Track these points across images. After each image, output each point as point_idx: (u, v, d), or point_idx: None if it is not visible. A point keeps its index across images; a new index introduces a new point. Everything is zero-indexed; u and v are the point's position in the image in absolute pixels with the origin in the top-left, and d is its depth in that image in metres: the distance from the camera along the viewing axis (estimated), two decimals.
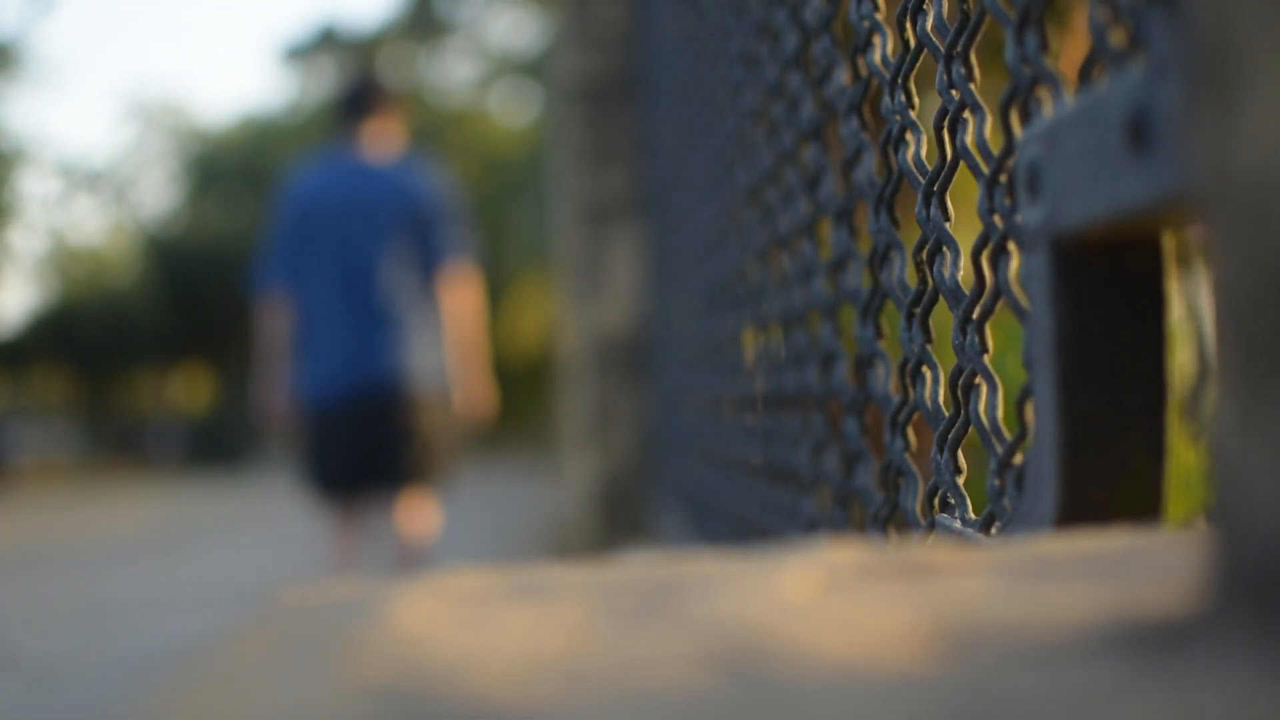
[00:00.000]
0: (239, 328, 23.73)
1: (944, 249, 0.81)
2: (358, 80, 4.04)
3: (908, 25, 0.86)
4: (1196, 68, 0.32)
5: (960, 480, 0.80)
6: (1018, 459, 0.68)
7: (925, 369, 0.87)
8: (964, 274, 0.78)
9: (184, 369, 26.54)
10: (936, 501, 0.82)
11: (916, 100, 0.89)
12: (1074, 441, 0.58)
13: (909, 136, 0.88)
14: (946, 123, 0.78)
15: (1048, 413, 0.59)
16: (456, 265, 3.81)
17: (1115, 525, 0.56)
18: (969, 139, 0.76)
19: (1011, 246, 0.69)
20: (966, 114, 0.77)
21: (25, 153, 22.61)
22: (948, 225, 0.82)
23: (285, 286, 3.68)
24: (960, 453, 0.80)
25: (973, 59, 0.76)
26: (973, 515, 0.78)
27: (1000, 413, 0.74)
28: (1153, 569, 0.38)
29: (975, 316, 0.75)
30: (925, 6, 0.83)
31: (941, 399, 0.84)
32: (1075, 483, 0.58)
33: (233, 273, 23.26)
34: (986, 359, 0.75)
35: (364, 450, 3.67)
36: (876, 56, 0.95)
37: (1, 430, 20.61)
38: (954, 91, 0.77)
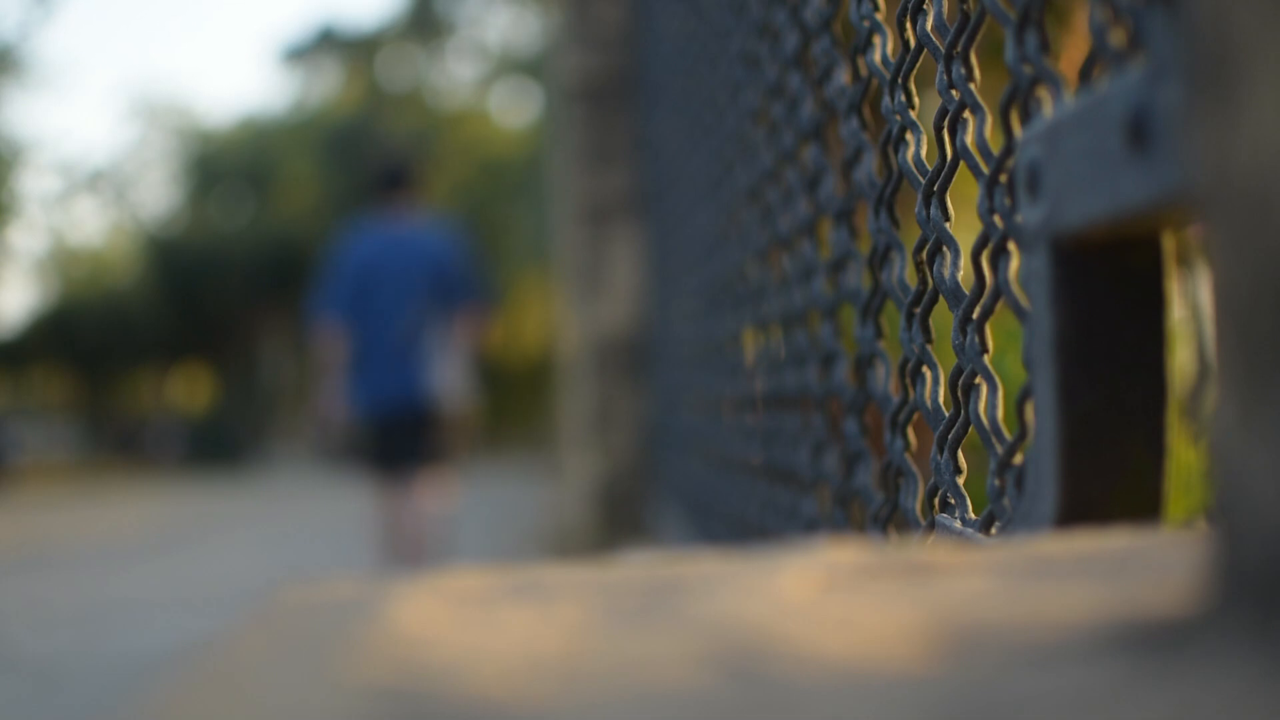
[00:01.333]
0: (239, 328, 23.74)
1: (944, 249, 0.81)
2: (393, 159, 5.42)
3: (908, 25, 0.86)
4: (1196, 68, 0.32)
5: (960, 480, 0.80)
6: (1018, 459, 0.68)
7: (925, 369, 0.86)
8: (964, 274, 0.78)
9: (184, 369, 26.51)
10: (936, 501, 0.82)
11: (916, 100, 0.89)
12: (1074, 441, 0.58)
13: (909, 136, 0.88)
14: (946, 123, 0.78)
15: (1048, 413, 0.59)
16: (475, 306, 4.99)
17: (1115, 525, 0.56)
18: (969, 139, 0.76)
19: (1011, 246, 0.69)
20: (966, 114, 0.76)
21: (25, 153, 22.56)
22: (948, 225, 0.82)
23: (341, 321, 4.91)
24: (960, 453, 0.80)
25: (973, 59, 0.76)
26: (973, 515, 0.78)
27: (1000, 413, 0.74)
28: (1153, 569, 0.38)
29: (975, 316, 0.75)
30: (925, 6, 0.83)
31: (941, 399, 0.84)
32: (1075, 483, 0.58)
33: (233, 273, 23.26)
34: (986, 359, 0.75)
35: (403, 443, 4.87)
36: (876, 56, 0.95)
37: (1, 430, 20.59)
38: (954, 91, 0.77)
